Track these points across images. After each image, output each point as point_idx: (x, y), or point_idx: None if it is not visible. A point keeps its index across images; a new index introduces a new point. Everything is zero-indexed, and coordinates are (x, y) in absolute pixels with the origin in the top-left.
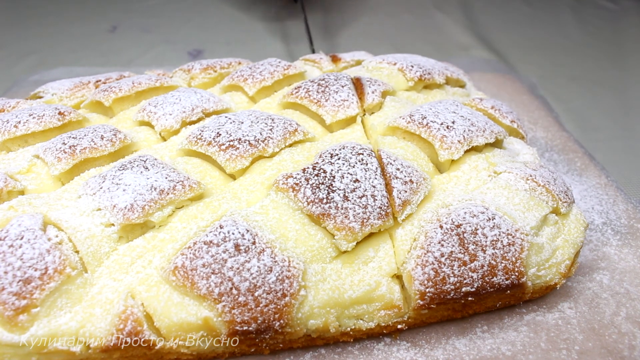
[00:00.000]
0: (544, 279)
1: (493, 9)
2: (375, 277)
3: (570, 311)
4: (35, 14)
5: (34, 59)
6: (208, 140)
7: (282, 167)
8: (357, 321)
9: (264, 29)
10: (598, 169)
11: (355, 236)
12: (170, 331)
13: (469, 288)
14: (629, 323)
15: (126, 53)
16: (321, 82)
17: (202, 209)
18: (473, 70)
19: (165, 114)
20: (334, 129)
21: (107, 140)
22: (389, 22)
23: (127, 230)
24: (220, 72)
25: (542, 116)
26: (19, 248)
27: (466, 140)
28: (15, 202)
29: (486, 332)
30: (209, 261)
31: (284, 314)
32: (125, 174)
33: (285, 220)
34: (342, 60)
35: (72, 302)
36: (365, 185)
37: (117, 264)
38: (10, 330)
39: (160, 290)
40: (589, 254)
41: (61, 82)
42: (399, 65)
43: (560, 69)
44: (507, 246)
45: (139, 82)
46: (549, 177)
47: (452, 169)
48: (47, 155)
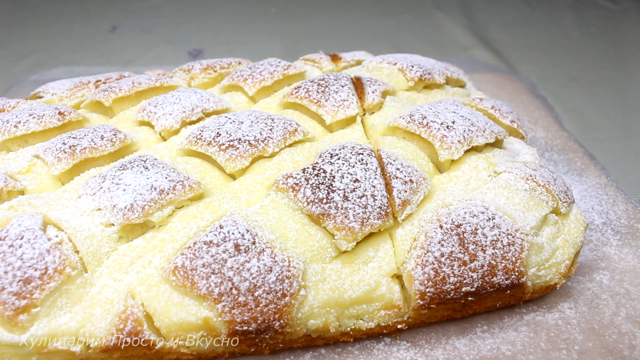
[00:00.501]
0: (544, 279)
1: (493, 9)
2: (375, 277)
3: (570, 311)
4: (35, 14)
5: (34, 59)
6: (208, 140)
7: (282, 167)
8: (357, 321)
9: (264, 29)
10: (598, 169)
11: (355, 236)
12: (170, 331)
13: (469, 288)
14: (629, 323)
15: (126, 53)
16: (321, 82)
17: (202, 209)
18: (473, 71)
19: (165, 114)
20: (333, 129)
21: (107, 140)
22: (389, 22)
23: (127, 230)
24: (220, 72)
25: (542, 116)
26: (19, 248)
27: (466, 140)
28: (15, 202)
29: (486, 332)
30: (209, 261)
31: (284, 314)
32: (125, 174)
33: (285, 220)
34: (342, 60)
35: (72, 302)
36: (365, 185)
37: (117, 263)
38: (10, 330)
39: (160, 290)
40: (589, 254)
41: (61, 82)
42: (399, 65)
43: (560, 69)
44: (507, 246)
45: (139, 82)
46: (549, 177)
47: (452, 169)
48: (47, 155)
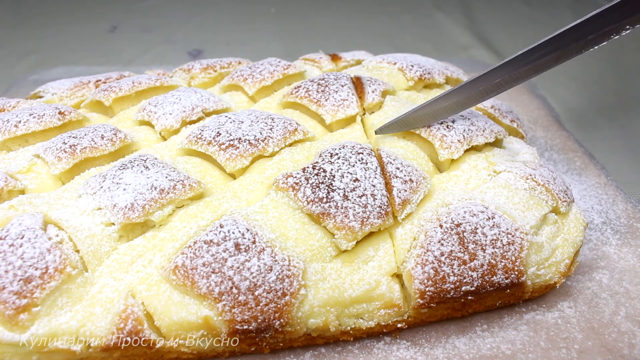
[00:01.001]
0: (544, 278)
1: (493, 9)
2: (375, 276)
3: (569, 310)
4: (35, 14)
5: (34, 59)
6: (208, 140)
7: (282, 166)
8: (357, 320)
9: (264, 29)
10: (597, 168)
11: (355, 235)
12: (170, 330)
13: (469, 287)
14: (628, 322)
15: (126, 53)
16: (321, 81)
17: (202, 208)
18: (473, 70)
19: (166, 114)
20: (333, 129)
21: (108, 140)
22: (389, 22)
23: (128, 230)
24: (220, 72)
25: (542, 115)
26: (20, 247)
27: (466, 139)
28: (16, 202)
29: (486, 331)
30: (209, 260)
31: (284, 313)
32: (125, 173)
33: (285, 219)
34: (342, 60)
35: (73, 301)
36: (365, 184)
37: (117, 263)
38: (10, 329)
39: (161, 290)
40: (588, 253)
41: (61, 82)
42: (399, 65)
43: (559, 69)
44: (507, 245)
45: (139, 82)
46: (548, 176)
47: (451, 168)
48: (48, 154)
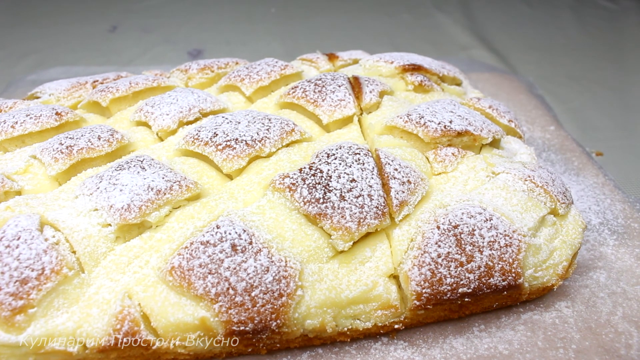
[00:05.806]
0: (541, 280)
1: (493, 9)
2: (372, 277)
3: (567, 310)
4: (35, 14)
5: (33, 59)
6: (205, 141)
7: (279, 167)
8: (354, 321)
9: (264, 29)
10: (596, 167)
11: (352, 236)
12: (167, 331)
13: (466, 289)
14: (625, 322)
15: (126, 53)
16: (318, 82)
17: (199, 209)
18: (471, 70)
19: (163, 114)
20: (330, 129)
21: (104, 141)
22: (389, 21)
23: (124, 231)
24: (218, 72)
25: (540, 115)
26: (16, 248)
27: (460, 153)
28: (12, 203)
29: (483, 331)
30: (206, 261)
31: (280, 314)
32: (122, 174)
33: (282, 220)
34: (339, 59)
35: (69, 303)
36: (361, 185)
37: (114, 264)
38: (7, 330)
39: (157, 291)
40: (586, 253)
41: (58, 83)
42: (396, 64)
43: (559, 69)
44: (504, 247)
45: (136, 83)
46: (547, 178)
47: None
48: (44, 155)
